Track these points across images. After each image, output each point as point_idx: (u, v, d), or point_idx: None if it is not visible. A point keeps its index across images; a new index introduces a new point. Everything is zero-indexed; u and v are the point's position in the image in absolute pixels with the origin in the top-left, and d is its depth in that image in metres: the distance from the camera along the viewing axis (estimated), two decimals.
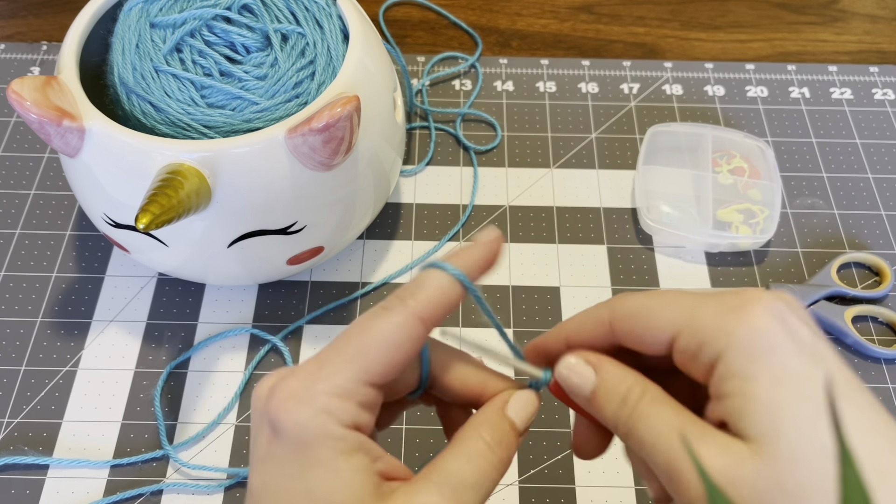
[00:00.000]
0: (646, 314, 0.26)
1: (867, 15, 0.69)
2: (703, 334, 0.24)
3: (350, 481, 0.24)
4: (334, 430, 0.24)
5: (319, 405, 0.24)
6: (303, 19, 0.45)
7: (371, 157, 0.45)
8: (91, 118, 0.40)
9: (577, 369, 0.27)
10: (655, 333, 0.26)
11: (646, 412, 0.25)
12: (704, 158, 0.56)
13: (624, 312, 0.27)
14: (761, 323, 0.24)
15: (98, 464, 0.44)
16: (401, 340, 0.25)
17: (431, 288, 0.26)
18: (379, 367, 0.25)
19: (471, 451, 0.26)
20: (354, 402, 0.25)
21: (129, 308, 0.50)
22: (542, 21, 0.68)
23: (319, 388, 0.24)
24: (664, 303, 0.26)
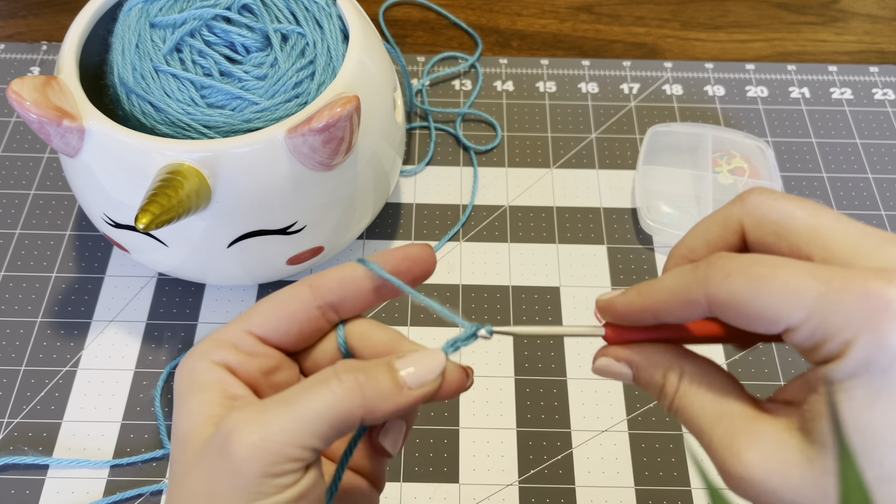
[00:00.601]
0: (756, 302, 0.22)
1: (867, 15, 0.69)
2: (834, 326, 0.21)
3: (192, 410, 0.25)
4: (196, 365, 0.26)
5: (196, 350, 0.27)
6: (303, 19, 0.45)
7: (371, 157, 0.45)
8: (91, 118, 0.40)
9: (611, 370, 0.27)
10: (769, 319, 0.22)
11: (684, 403, 0.25)
12: (704, 158, 0.56)
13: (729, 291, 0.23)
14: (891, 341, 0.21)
15: (98, 464, 0.44)
16: (285, 298, 0.27)
17: (336, 269, 0.28)
18: (258, 318, 0.27)
19: (315, 378, 0.25)
20: (229, 343, 0.26)
21: (129, 308, 0.50)
22: (542, 21, 0.68)
23: (205, 340, 0.27)
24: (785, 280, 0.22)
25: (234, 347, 0.27)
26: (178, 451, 0.25)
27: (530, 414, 0.46)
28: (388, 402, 0.25)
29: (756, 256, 0.23)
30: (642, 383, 0.26)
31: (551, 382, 0.48)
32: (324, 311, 0.27)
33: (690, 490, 0.44)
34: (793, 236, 0.24)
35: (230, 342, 0.27)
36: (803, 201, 0.24)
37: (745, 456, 0.22)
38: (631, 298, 0.26)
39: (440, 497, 0.44)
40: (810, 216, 0.24)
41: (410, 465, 0.45)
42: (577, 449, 0.45)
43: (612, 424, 0.46)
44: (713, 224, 0.26)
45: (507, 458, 0.45)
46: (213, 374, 0.26)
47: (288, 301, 0.27)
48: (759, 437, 0.23)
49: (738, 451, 0.22)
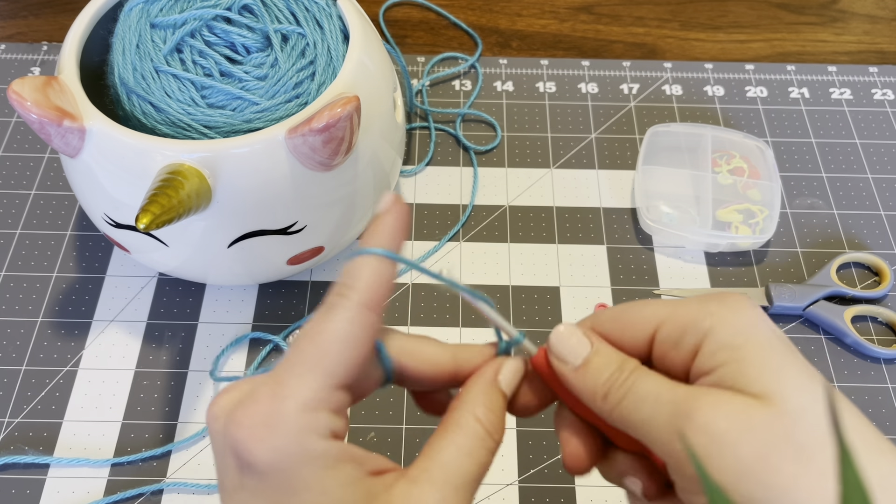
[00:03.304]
0: (627, 314, 0.27)
1: (867, 15, 0.69)
2: (686, 320, 0.25)
3: (342, 497, 0.23)
4: (315, 447, 0.22)
5: (293, 426, 0.22)
6: (303, 19, 0.45)
7: (371, 157, 0.45)
8: (91, 118, 0.40)
9: (573, 336, 0.27)
10: (637, 329, 0.26)
11: (643, 376, 0.25)
12: (704, 158, 0.56)
13: (605, 317, 0.27)
14: (743, 309, 0.25)
15: (98, 463, 0.44)
16: (356, 334, 0.24)
17: (367, 274, 0.25)
18: (341, 368, 0.24)
19: (468, 438, 0.25)
20: (327, 410, 0.23)
21: (129, 308, 0.50)
22: (542, 21, 0.68)
23: (288, 408, 0.22)
24: (644, 304, 0.27)
25: (333, 412, 0.23)
26: None
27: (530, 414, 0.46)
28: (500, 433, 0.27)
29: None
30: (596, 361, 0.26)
31: None
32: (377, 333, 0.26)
33: None
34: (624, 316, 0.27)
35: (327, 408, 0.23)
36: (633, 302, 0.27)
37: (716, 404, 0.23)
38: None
39: None
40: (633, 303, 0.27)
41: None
42: None
43: None
44: None
45: (507, 457, 0.45)
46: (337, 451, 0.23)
47: (359, 337, 0.24)
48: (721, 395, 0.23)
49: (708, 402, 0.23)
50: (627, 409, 0.25)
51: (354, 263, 0.25)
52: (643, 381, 0.25)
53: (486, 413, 0.26)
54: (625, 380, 0.25)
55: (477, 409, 0.26)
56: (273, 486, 0.22)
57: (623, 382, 0.25)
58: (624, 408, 0.25)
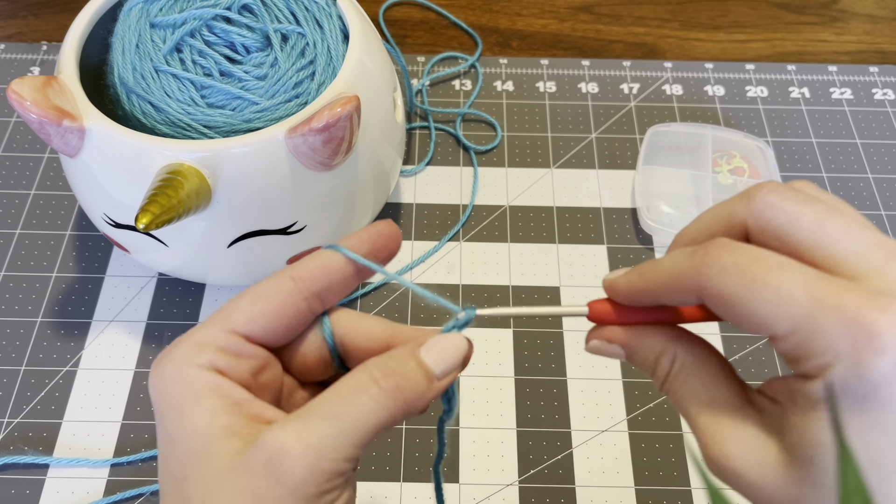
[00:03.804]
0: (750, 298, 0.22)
1: (867, 15, 0.69)
2: (817, 346, 0.21)
3: (197, 422, 0.24)
4: (186, 372, 0.24)
5: (177, 356, 0.25)
6: (303, 19, 0.45)
7: (371, 157, 0.45)
8: (91, 118, 0.40)
9: (604, 350, 0.26)
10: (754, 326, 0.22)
11: (674, 388, 0.24)
12: (704, 158, 0.56)
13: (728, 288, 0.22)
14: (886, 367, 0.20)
15: (98, 463, 0.44)
16: (267, 293, 0.25)
17: (311, 259, 0.26)
18: (241, 316, 0.25)
19: (352, 386, 0.24)
20: (214, 346, 0.25)
21: (129, 308, 0.50)
22: (542, 21, 0.68)
23: (180, 344, 0.25)
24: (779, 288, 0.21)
25: (221, 350, 0.25)
26: (189, 466, 0.24)
27: (530, 414, 0.46)
28: (423, 399, 0.25)
29: (755, 253, 0.22)
30: (635, 364, 0.26)
31: (551, 382, 0.48)
32: (309, 302, 0.26)
33: (690, 490, 0.44)
34: (795, 244, 0.23)
35: (215, 345, 0.25)
36: (811, 204, 0.23)
37: (727, 446, 0.23)
38: (631, 279, 0.25)
39: None
40: (817, 224, 0.23)
41: (410, 465, 0.45)
42: (577, 449, 0.45)
43: (612, 424, 0.46)
44: (717, 218, 0.25)
45: (507, 458, 0.45)
46: (207, 379, 0.24)
47: (272, 296, 0.25)
48: (743, 430, 0.23)
49: (721, 441, 0.23)
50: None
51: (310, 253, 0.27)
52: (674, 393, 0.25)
53: (383, 368, 0.24)
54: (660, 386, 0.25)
55: (372, 365, 0.25)
56: (157, 411, 0.25)
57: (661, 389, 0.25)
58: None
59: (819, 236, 0.22)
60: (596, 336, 0.27)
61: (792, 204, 0.23)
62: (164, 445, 0.25)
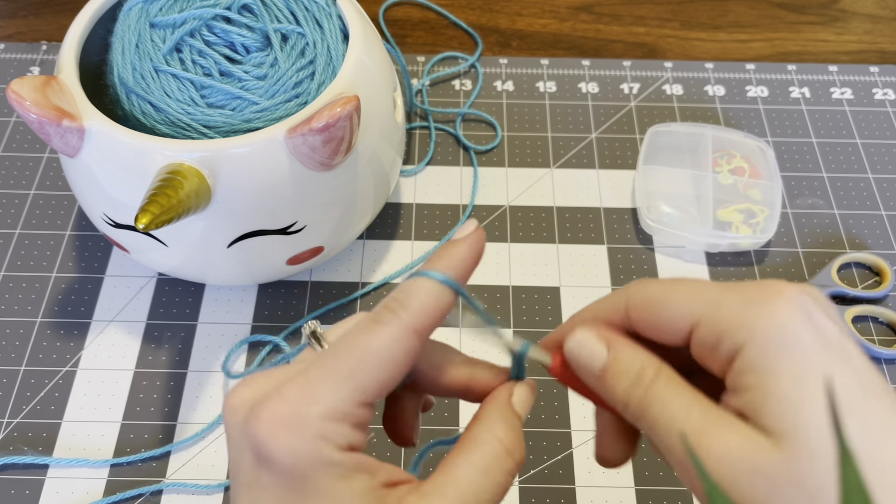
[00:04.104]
0: (664, 303, 0.25)
1: (867, 15, 0.69)
2: (724, 326, 0.23)
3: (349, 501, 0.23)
4: (331, 456, 0.23)
5: (313, 431, 0.22)
6: (303, 19, 0.45)
7: (371, 157, 0.45)
8: (91, 118, 0.40)
9: (587, 345, 0.26)
10: (673, 323, 0.25)
11: (660, 394, 0.24)
12: (704, 158, 0.56)
13: (641, 300, 0.26)
14: (785, 317, 0.22)
15: (98, 464, 0.44)
16: (397, 356, 0.24)
17: (423, 297, 0.25)
18: (375, 386, 0.24)
19: (486, 456, 0.25)
20: (349, 423, 0.23)
21: (129, 308, 0.50)
22: (542, 21, 0.68)
23: (312, 412, 0.23)
24: (684, 291, 0.25)
25: (356, 426, 0.23)
26: None
27: (530, 414, 0.46)
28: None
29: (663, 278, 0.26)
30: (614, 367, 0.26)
31: (551, 382, 0.48)
32: None
33: None
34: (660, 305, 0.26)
35: (349, 422, 0.23)
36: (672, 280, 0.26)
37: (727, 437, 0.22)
38: (563, 324, 0.28)
39: None
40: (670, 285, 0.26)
41: None
42: (577, 449, 0.45)
43: None
44: (602, 306, 0.27)
45: None
46: (353, 462, 0.23)
47: (400, 360, 0.24)
48: (734, 428, 0.23)
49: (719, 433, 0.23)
50: (645, 425, 0.25)
51: (413, 283, 0.25)
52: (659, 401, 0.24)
53: (506, 432, 0.25)
54: (642, 395, 0.25)
55: (496, 428, 0.26)
56: (287, 486, 0.23)
57: (641, 398, 0.25)
58: (642, 424, 0.25)
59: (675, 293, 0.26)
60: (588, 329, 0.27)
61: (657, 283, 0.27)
62: None
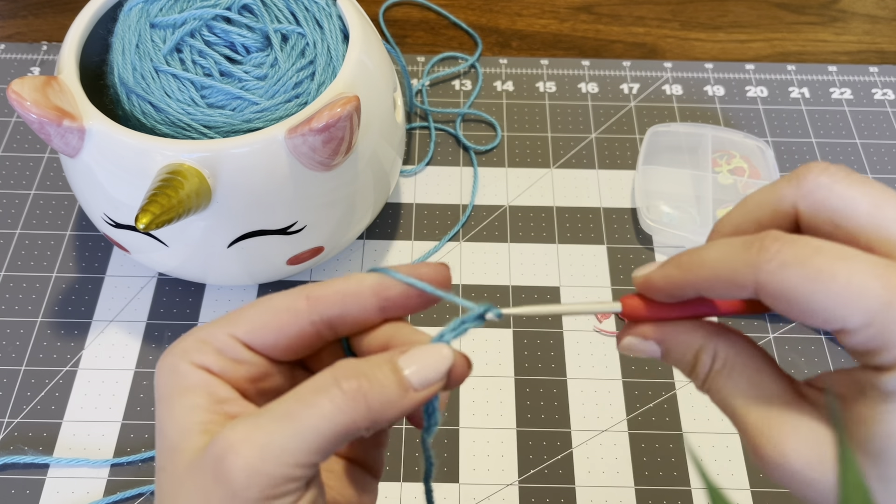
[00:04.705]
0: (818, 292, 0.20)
1: (867, 15, 0.69)
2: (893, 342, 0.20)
3: (177, 415, 0.24)
4: (180, 366, 0.24)
5: (177, 350, 0.25)
6: (303, 19, 0.45)
7: (371, 157, 0.45)
8: (91, 118, 0.40)
9: (638, 349, 0.25)
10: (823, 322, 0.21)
11: (717, 386, 0.23)
12: (704, 158, 0.56)
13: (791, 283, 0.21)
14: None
15: (98, 463, 0.44)
16: (277, 307, 0.25)
17: (335, 279, 0.26)
18: (245, 324, 0.25)
19: (313, 387, 0.23)
20: (212, 346, 0.25)
21: (129, 308, 0.50)
22: (542, 21, 0.68)
23: (184, 338, 0.25)
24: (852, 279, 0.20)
25: (218, 352, 0.25)
26: (166, 459, 0.24)
27: (530, 414, 0.46)
28: (393, 408, 0.23)
29: (815, 244, 0.21)
30: (671, 361, 0.25)
31: (551, 382, 0.48)
32: (318, 327, 0.25)
33: (690, 490, 0.44)
34: (853, 229, 0.21)
35: (213, 345, 0.25)
36: (868, 186, 0.22)
37: (782, 444, 0.21)
38: (669, 272, 0.23)
39: (440, 497, 0.44)
40: (874, 207, 0.21)
41: (410, 465, 0.45)
42: (577, 449, 0.45)
43: (612, 424, 0.46)
44: (764, 203, 0.23)
45: (507, 458, 0.45)
46: (197, 376, 0.24)
47: (280, 312, 0.25)
48: (797, 426, 0.22)
49: (774, 439, 0.22)
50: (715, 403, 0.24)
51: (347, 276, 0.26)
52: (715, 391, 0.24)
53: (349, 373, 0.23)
54: (700, 386, 0.24)
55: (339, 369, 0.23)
56: (155, 400, 0.25)
57: (700, 388, 0.24)
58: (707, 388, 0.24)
59: (878, 220, 0.21)
60: (630, 333, 0.25)
61: (846, 187, 0.22)
62: (156, 435, 0.25)
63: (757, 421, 0.22)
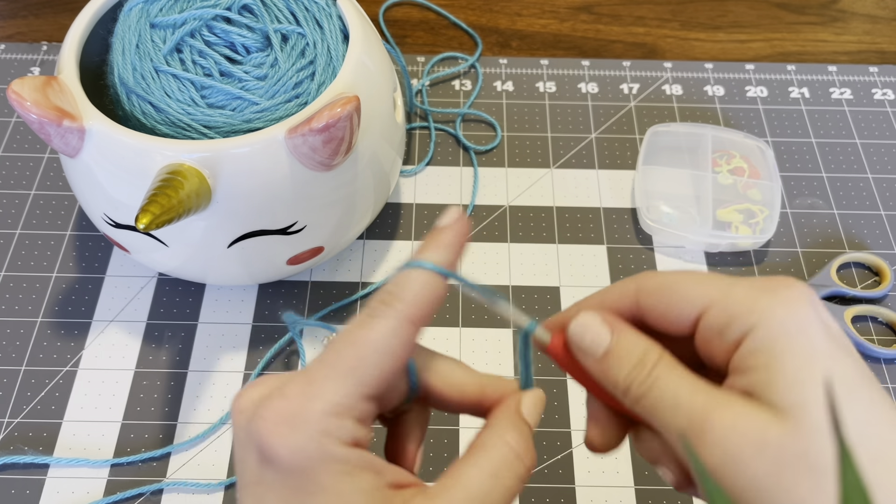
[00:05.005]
0: (675, 288, 0.26)
1: (867, 15, 0.69)
2: (735, 310, 0.24)
3: (355, 501, 0.22)
4: (335, 452, 0.22)
5: (316, 427, 0.22)
6: (303, 19, 0.45)
7: (371, 157, 0.45)
8: (91, 118, 0.40)
9: (591, 328, 0.26)
10: (684, 308, 0.25)
11: (663, 377, 0.25)
12: (704, 158, 0.56)
13: (652, 286, 0.26)
14: (795, 305, 0.24)
15: (98, 463, 0.44)
16: (394, 347, 0.24)
17: (416, 288, 0.25)
18: (375, 379, 0.24)
19: (495, 460, 0.24)
20: (352, 418, 0.23)
21: (129, 308, 0.50)
22: (542, 21, 0.68)
23: (314, 408, 0.23)
24: (695, 280, 0.26)
25: (359, 421, 0.23)
26: None
27: None
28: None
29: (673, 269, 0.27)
30: (617, 351, 0.26)
31: (551, 382, 0.48)
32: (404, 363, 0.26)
33: None
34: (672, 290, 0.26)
35: (353, 415, 0.23)
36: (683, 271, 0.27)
37: (734, 410, 0.23)
38: (569, 308, 0.29)
39: None
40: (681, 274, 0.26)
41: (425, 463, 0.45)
42: (577, 449, 0.45)
43: None
44: (610, 294, 0.28)
45: None
46: (357, 458, 0.23)
47: (397, 350, 0.24)
48: (740, 404, 0.23)
49: (726, 408, 0.23)
50: (646, 408, 0.25)
51: (404, 275, 0.25)
52: (663, 382, 0.25)
53: (515, 436, 0.25)
54: (645, 377, 0.25)
55: (506, 433, 0.25)
56: (291, 484, 0.22)
57: (643, 380, 0.25)
58: (643, 407, 0.25)
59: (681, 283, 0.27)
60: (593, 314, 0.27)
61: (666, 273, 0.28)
62: None
63: (705, 397, 0.24)
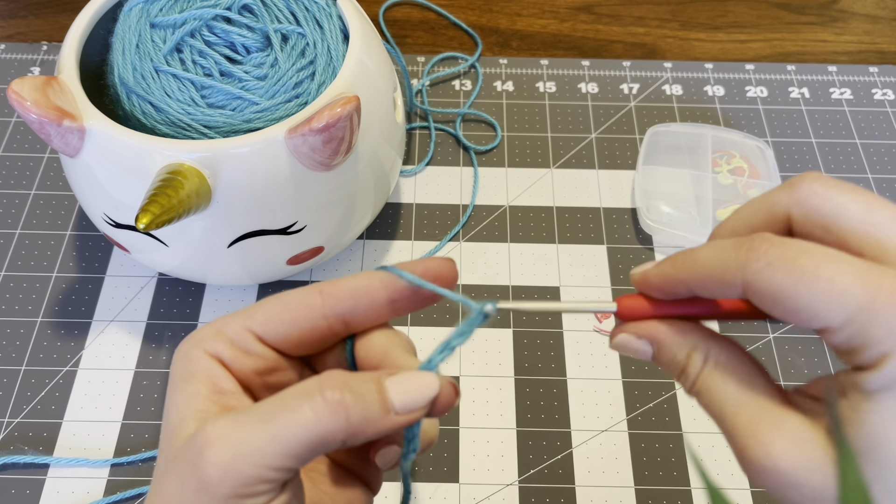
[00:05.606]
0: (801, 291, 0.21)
1: (867, 15, 0.69)
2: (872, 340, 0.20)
3: (179, 401, 0.25)
4: (191, 352, 0.25)
5: (195, 336, 0.26)
6: (303, 19, 0.45)
7: (371, 157, 0.45)
8: (91, 118, 0.40)
9: (630, 346, 0.26)
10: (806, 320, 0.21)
11: (707, 386, 0.24)
12: (704, 158, 0.56)
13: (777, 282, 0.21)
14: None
15: (98, 463, 0.44)
16: (290, 302, 0.26)
17: (348, 276, 0.27)
18: (260, 316, 0.26)
19: (297, 392, 0.23)
20: (226, 336, 0.26)
21: (129, 308, 0.50)
22: (542, 21, 0.68)
23: (205, 326, 0.26)
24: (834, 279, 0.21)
25: (231, 342, 0.26)
26: (164, 441, 0.25)
27: (530, 414, 0.46)
28: (372, 426, 0.23)
29: (802, 245, 0.21)
30: (663, 362, 0.25)
31: (551, 382, 0.48)
32: (331, 321, 0.26)
33: (690, 490, 0.44)
34: (844, 233, 0.22)
35: (227, 335, 0.26)
36: (857, 193, 0.22)
37: (770, 446, 0.22)
38: (665, 270, 0.24)
39: (440, 497, 0.44)
40: (865, 212, 0.22)
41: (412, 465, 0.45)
42: (577, 449, 0.45)
43: (612, 424, 0.46)
44: (759, 209, 0.24)
45: (507, 458, 0.45)
46: (205, 364, 0.25)
47: (294, 306, 0.26)
48: (785, 428, 0.22)
49: (763, 441, 0.22)
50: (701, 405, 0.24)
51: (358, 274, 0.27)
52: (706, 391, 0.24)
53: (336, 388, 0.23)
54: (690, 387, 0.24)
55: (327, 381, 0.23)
56: (168, 384, 0.26)
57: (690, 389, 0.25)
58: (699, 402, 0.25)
59: (867, 226, 0.22)
60: (623, 330, 0.26)
61: (838, 193, 0.23)
62: (163, 417, 0.26)
63: (746, 421, 0.22)
